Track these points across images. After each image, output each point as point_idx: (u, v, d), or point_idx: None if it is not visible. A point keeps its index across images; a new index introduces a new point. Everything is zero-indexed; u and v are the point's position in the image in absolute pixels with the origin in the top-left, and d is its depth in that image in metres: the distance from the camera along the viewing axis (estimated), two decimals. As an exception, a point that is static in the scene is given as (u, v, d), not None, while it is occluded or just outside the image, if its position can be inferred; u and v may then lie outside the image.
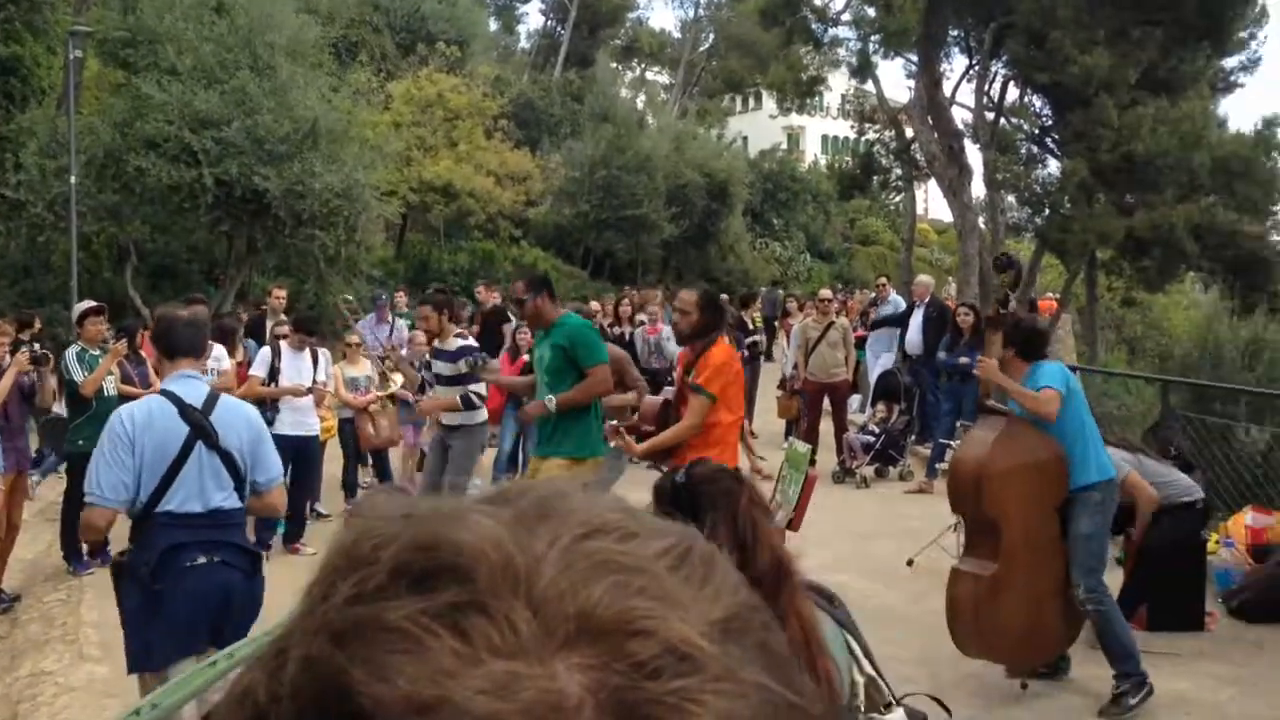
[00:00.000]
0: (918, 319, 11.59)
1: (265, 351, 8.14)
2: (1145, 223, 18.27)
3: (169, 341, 4.11)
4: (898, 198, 33.16)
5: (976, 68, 21.47)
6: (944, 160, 17.24)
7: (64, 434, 7.59)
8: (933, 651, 5.60)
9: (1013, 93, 22.36)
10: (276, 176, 14.74)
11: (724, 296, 13.47)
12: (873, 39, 21.54)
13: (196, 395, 3.99)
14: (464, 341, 7.25)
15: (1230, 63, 23.02)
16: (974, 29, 20.91)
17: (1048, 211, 20.78)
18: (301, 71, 16.13)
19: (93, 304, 7.92)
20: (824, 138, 54.26)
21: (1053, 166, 21.99)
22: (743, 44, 32.59)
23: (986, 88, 21.58)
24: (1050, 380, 4.95)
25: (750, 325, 13.06)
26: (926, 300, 11.83)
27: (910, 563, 7.40)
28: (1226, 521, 6.84)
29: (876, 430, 10.81)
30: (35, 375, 6.98)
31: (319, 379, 8.11)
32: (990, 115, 21.62)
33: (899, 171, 26.91)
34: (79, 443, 6.84)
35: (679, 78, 46.47)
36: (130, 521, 3.95)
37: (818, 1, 22.40)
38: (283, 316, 9.67)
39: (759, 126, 47.99)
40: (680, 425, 4.96)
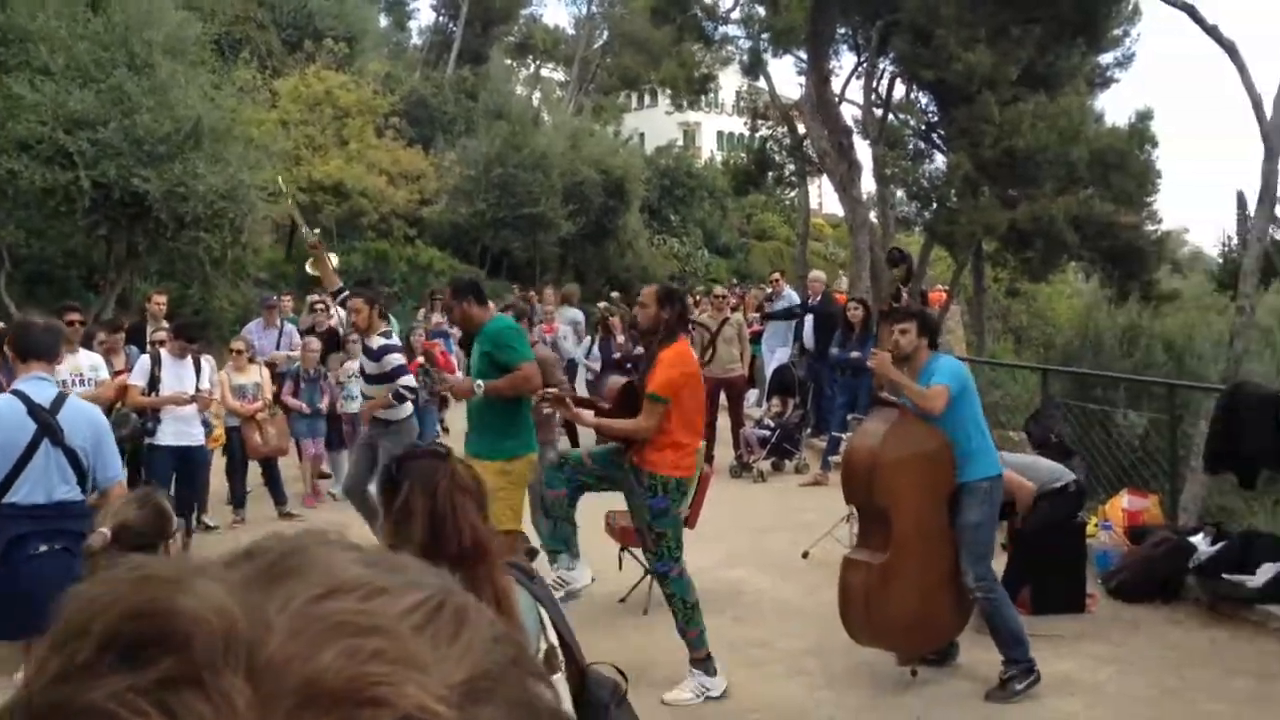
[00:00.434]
0: (812, 314, 11.76)
1: (145, 360, 7.87)
2: (1027, 215, 18.82)
3: (23, 344, 4.45)
4: (792, 193, 33.54)
5: (864, 65, 21.83)
6: (834, 156, 17.48)
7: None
8: (827, 642, 5.69)
9: (900, 90, 22.81)
10: (157, 178, 14.26)
11: (615, 294, 13.50)
12: (762, 37, 21.75)
13: (45, 395, 4.33)
14: (388, 340, 7.18)
15: (1106, 59, 23.84)
16: (861, 27, 21.26)
17: (935, 205, 21.26)
18: (182, 69, 15.62)
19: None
20: (719, 134, 54.65)
21: (939, 161, 22.50)
22: (636, 41, 32.66)
23: (874, 85, 21.96)
24: (943, 377, 5.01)
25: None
26: (821, 295, 12.00)
27: (805, 555, 7.49)
28: (1104, 505, 7.06)
29: (772, 425, 10.92)
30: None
31: (203, 387, 7.86)
32: (878, 111, 22.02)
33: (792, 167, 27.23)
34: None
35: (574, 75, 46.31)
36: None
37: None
38: (163, 323, 9.36)
39: (655, 123, 48.13)
40: (632, 423, 5.03)
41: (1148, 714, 4.70)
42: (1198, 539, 6.44)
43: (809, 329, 11.75)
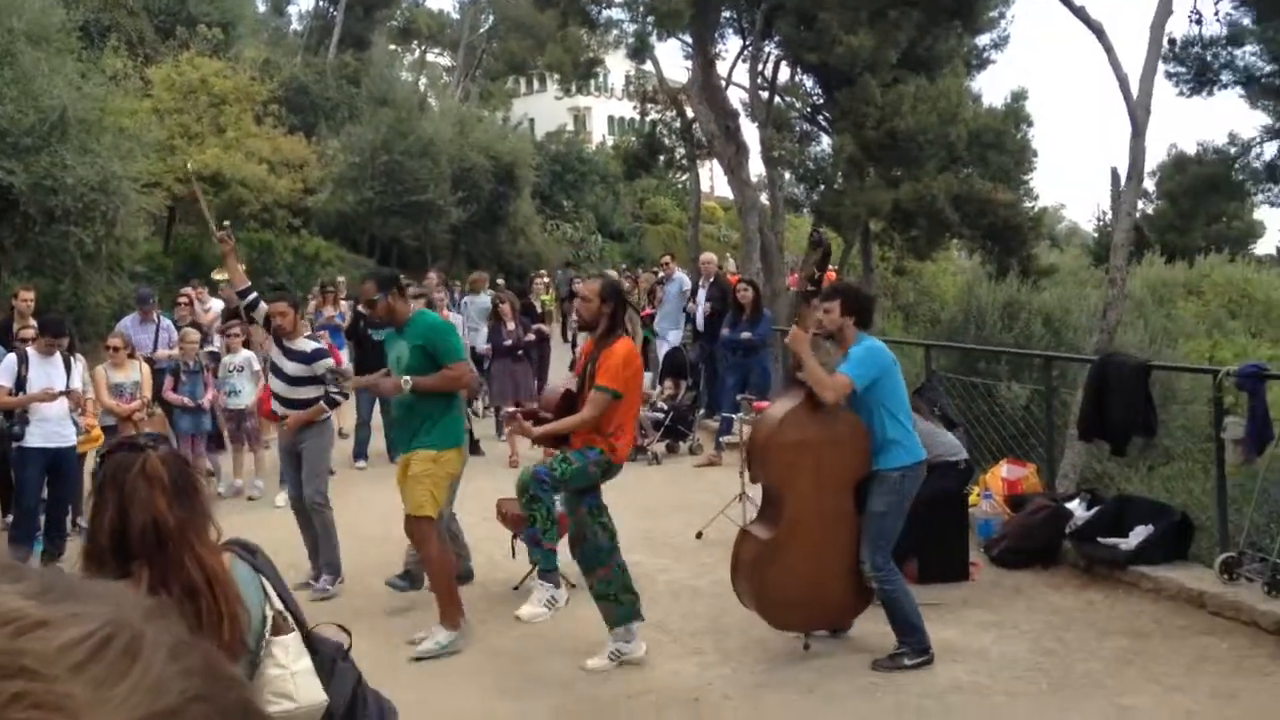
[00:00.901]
0: (703, 296, 11.82)
1: (11, 358, 7.53)
2: (910, 194, 19.26)
3: None
4: (684, 176, 33.76)
5: (750, 48, 22.04)
6: (722, 139, 17.61)
7: None
8: (721, 621, 5.74)
9: (785, 72, 23.10)
10: (23, 170, 13.69)
11: (500, 281, 13.39)
12: (647, 20, 21.77)
13: None
14: (317, 344, 7.11)
15: (982, 41, 24.51)
16: (745, 10, 21.44)
17: (822, 187, 21.60)
18: (46, 58, 15.00)
19: None
20: (610, 118, 54.59)
21: (825, 143, 22.89)
22: (521, 25, 32.30)
23: (760, 68, 22.19)
24: (850, 367, 4.98)
25: (539, 309, 13.00)
26: (712, 277, 12.07)
27: (699, 535, 7.55)
28: (985, 475, 7.25)
29: (665, 407, 10.96)
30: None
31: (73, 385, 7.56)
32: (765, 95, 22.26)
33: (682, 151, 27.39)
34: None
35: (460, 60, 45.73)
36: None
37: (591, -17, 22.47)
38: (30, 320, 8.97)
39: (545, 108, 47.84)
40: (578, 416, 5.05)
41: (1028, 676, 4.85)
42: (1074, 505, 6.67)
43: (702, 310, 11.82)
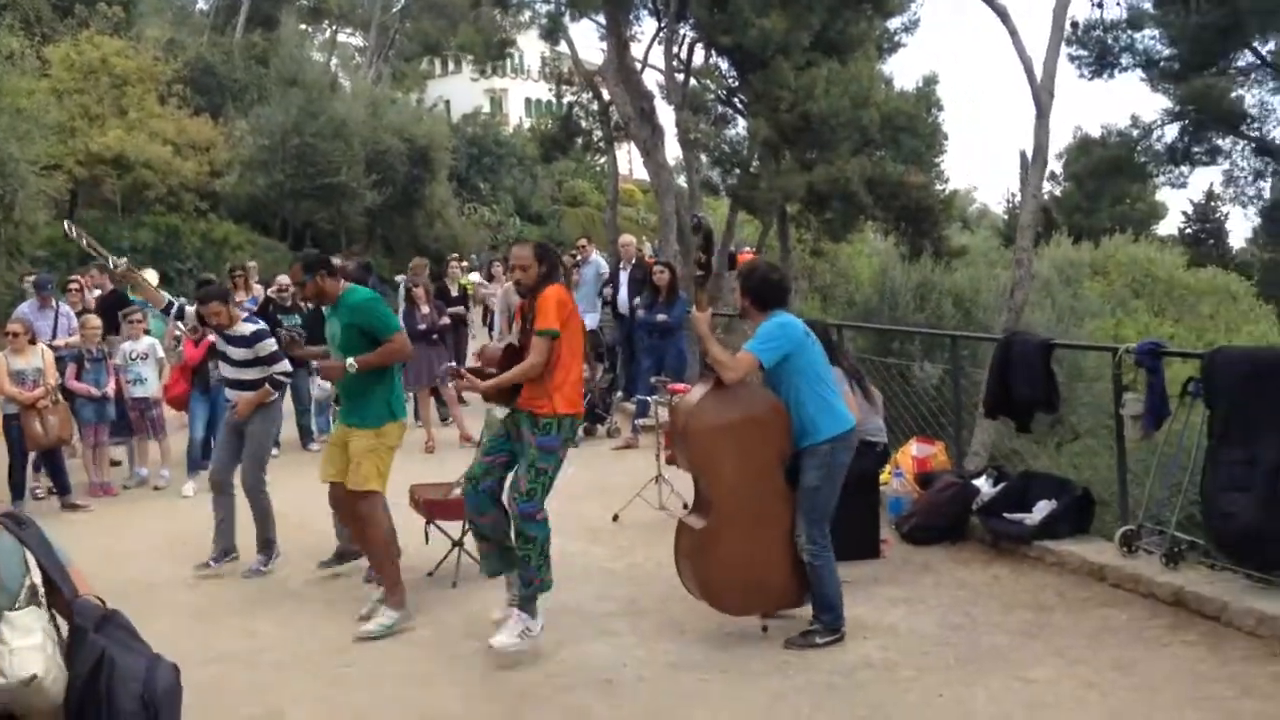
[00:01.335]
0: (624, 278, 11.80)
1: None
2: (824, 177, 19.44)
3: None
4: (602, 159, 33.66)
5: (665, 30, 22.00)
6: (638, 121, 17.57)
7: None
8: (637, 602, 5.75)
9: (701, 55, 23.11)
10: (-89, 153, 13.16)
11: (417, 261, 13.20)
12: (560, 1, 21.62)
13: None
14: (256, 325, 7.11)
15: (893, 24, 24.81)
16: (660, -8, 21.41)
17: (738, 170, 21.70)
18: (-67, 36, 14.42)
19: None
20: (527, 100, 54.21)
21: (741, 126, 22.99)
22: (435, 5, 31.90)
23: (676, 50, 22.16)
24: (755, 344, 4.95)
25: (452, 292, 12.86)
26: (633, 260, 12.06)
27: (615, 518, 7.56)
28: (896, 453, 7.36)
29: (582, 390, 10.92)
30: None
31: (-34, 376, 7.31)
32: (680, 77, 22.26)
33: (600, 133, 27.28)
34: None
35: (372, 40, 44.94)
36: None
37: (501, -36, 22.23)
38: (-81, 309, 8.65)
39: (460, 90, 47.30)
40: (523, 364, 5.04)
41: (936, 651, 4.94)
42: (980, 481, 6.81)
43: (622, 292, 11.79)
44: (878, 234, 34.01)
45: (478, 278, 16.31)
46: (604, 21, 19.80)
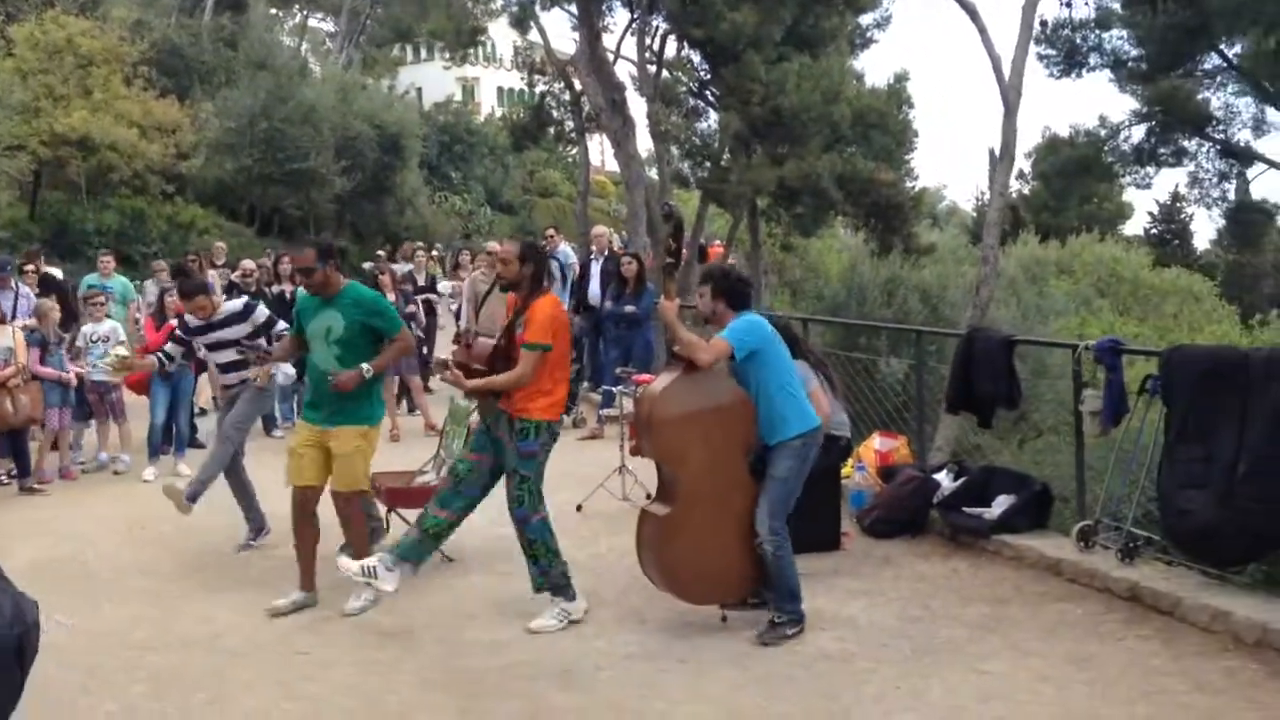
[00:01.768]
0: (596, 269, 11.76)
1: None
2: (795, 172, 19.47)
3: None
4: (574, 150, 33.54)
5: (637, 21, 21.96)
6: (609, 112, 17.53)
7: None
8: (598, 593, 5.73)
9: (673, 47, 23.08)
10: None
11: (380, 253, 13.14)
12: (532, -11, 21.53)
13: None
14: (244, 297, 7.38)
15: (865, 20, 24.87)
16: (633, -18, 21.37)
17: (708, 164, 21.70)
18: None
19: None
20: (500, 89, 53.95)
21: (712, 119, 22.98)
22: (407, -10, 31.77)
23: (648, 41, 22.13)
24: (731, 334, 4.98)
25: (420, 281, 12.80)
26: (606, 252, 12.02)
27: (579, 508, 7.55)
28: (858, 447, 7.39)
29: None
30: None
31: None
32: (653, 69, 22.23)
33: (571, 123, 27.18)
34: None
35: (343, 25, 44.54)
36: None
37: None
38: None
39: (432, 78, 46.98)
40: (512, 374, 5.12)
41: (894, 644, 4.97)
42: (941, 476, 6.84)
43: (593, 284, 11.76)
44: (848, 230, 34.14)
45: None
46: (576, 11, 19.72)
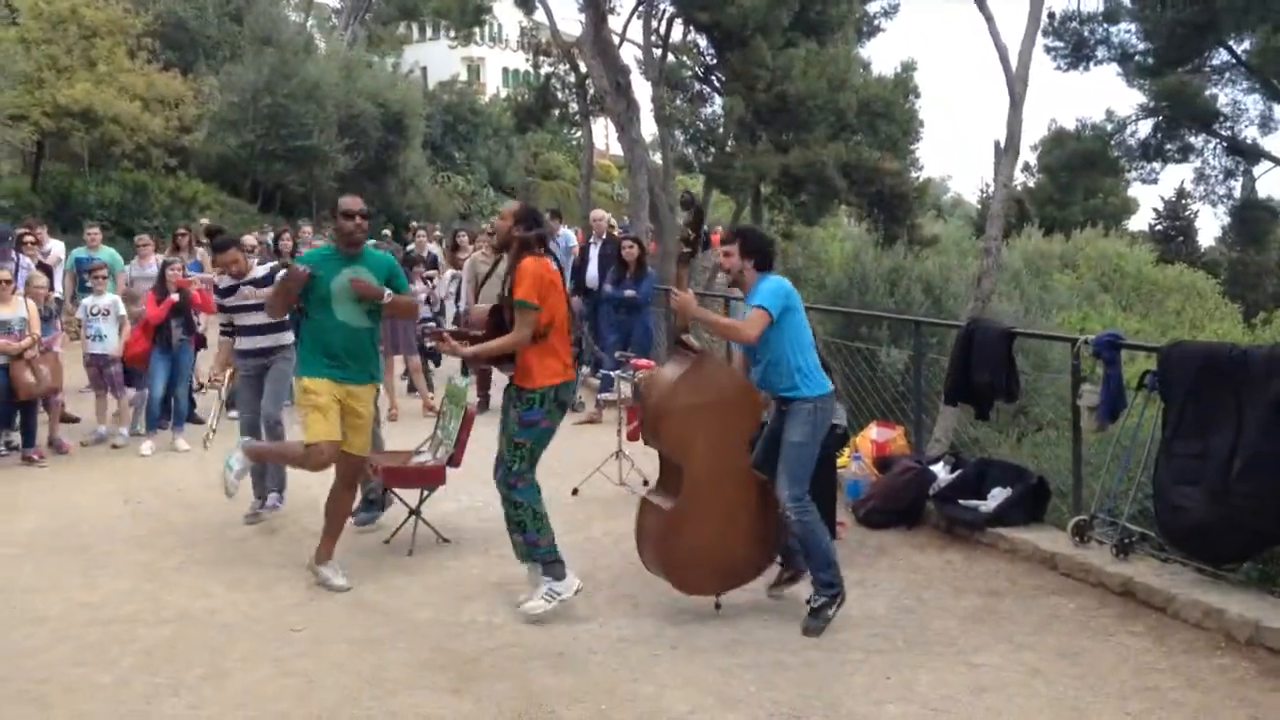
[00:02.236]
0: (594, 253, 11.74)
1: None
2: (800, 160, 19.42)
3: None
4: (578, 132, 33.43)
5: (644, 4, 21.87)
6: (613, 95, 17.46)
7: None
8: (590, 576, 5.74)
9: (679, 31, 23.01)
10: None
11: (385, 232, 13.13)
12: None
13: None
14: (269, 264, 7.52)
15: (873, 8, 24.80)
16: (640, -35, 21.25)
17: (713, 149, 21.63)
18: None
19: None
20: (504, 70, 53.73)
21: (717, 104, 22.89)
22: (413, -32, 31.63)
23: (655, 24, 22.05)
24: (762, 298, 4.98)
25: (419, 261, 12.79)
26: (604, 235, 11.99)
27: (575, 492, 7.55)
28: (855, 436, 7.39)
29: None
30: None
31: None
32: (658, 52, 22.14)
33: (576, 106, 27.09)
34: None
35: (348, 1, 44.35)
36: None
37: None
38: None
39: (438, 57, 46.78)
40: (510, 336, 5.11)
41: (886, 634, 4.98)
42: (938, 468, 6.85)
43: (593, 268, 11.74)
44: (851, 219, 34.08)
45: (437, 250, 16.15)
46: (582, -8, 19.65)
